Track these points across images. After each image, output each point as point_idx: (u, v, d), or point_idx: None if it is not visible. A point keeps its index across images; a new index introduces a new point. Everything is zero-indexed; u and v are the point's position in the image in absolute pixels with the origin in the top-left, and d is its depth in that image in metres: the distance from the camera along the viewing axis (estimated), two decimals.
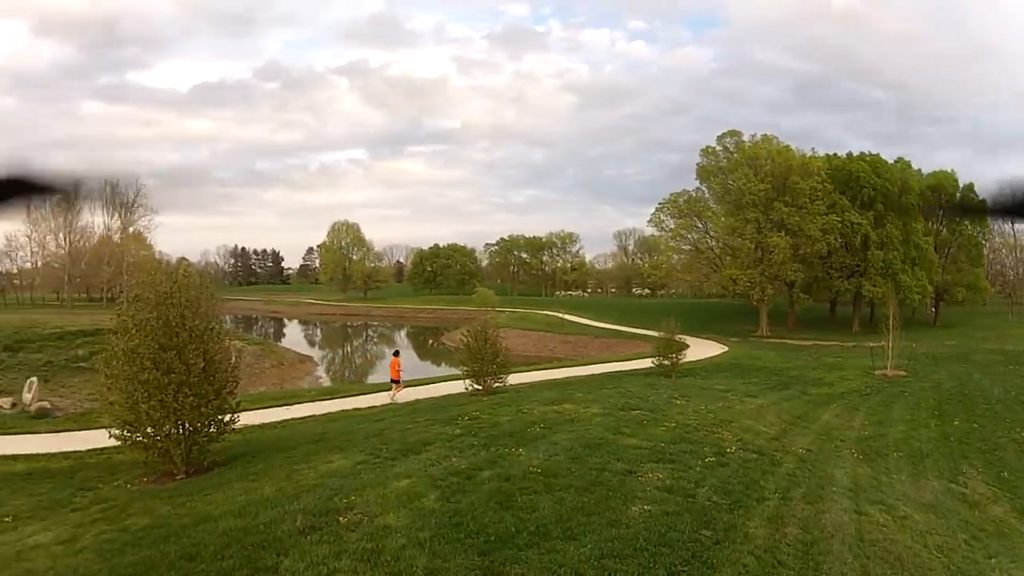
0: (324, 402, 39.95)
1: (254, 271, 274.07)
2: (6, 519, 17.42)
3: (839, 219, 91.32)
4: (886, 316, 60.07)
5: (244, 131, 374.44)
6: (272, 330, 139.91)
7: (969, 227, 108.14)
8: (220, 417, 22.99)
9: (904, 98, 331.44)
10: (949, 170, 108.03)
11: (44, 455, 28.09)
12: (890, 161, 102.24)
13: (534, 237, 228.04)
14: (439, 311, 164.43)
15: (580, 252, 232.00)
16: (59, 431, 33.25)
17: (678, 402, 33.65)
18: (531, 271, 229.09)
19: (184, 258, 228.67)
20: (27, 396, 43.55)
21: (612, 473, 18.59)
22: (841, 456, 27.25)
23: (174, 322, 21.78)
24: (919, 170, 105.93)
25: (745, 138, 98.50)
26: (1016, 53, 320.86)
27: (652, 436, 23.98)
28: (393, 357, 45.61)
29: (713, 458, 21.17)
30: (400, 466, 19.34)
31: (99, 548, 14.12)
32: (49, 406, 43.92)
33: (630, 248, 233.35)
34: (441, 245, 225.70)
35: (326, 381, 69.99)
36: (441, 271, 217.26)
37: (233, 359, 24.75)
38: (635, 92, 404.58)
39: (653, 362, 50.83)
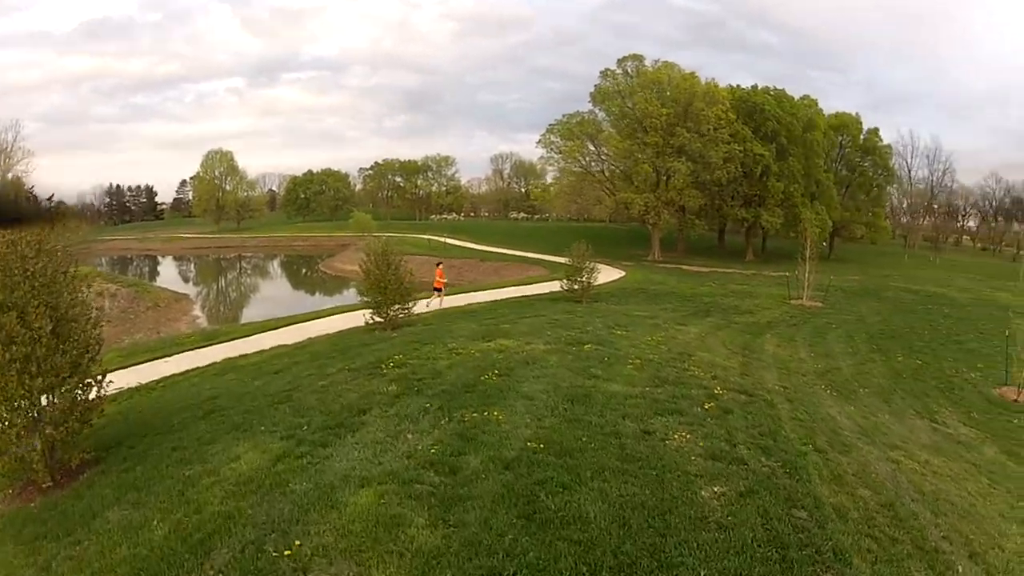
0: (206, 349, 32.94)
1: (128, 208, 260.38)
2: None
3: (741, 149, 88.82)
4: (802, 246, 58.68)
5: (126, 66, 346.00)
6: (147, 269, 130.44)
7: (871, 169, 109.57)
8: (82, 397, 15.88)
9: (799, 44, 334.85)
10: (853, 113, 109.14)
11: None
12: (796, 98, 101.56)
13: (409, 161, 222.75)
14: (314, 239, 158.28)
15: (456, 176, 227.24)
16: None
17: (618, 332, 30.46)
18: (405, 195, 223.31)
19: (61, 202, 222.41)
20: None
21: (632, 439, 14.93)
22: (817, 394, 25.28)
23: (14, 268, 14.97)
24: (821, 110, 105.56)
25: (648, 63, 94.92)
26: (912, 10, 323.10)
27: (630, 379, 20.58)
28: (437, 267, 49.38)
29: (711, 403, 18.39)
30: (340, 457, 13.85)
31: None
32: None
33: (506, 172, 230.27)
34: (314, 171, 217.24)
35: (204, 321, 63.09)
36: (314, 198, 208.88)
37: (94, 314, 17.39)
38: (525, 22, 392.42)
39: (563, 286, 47.73)
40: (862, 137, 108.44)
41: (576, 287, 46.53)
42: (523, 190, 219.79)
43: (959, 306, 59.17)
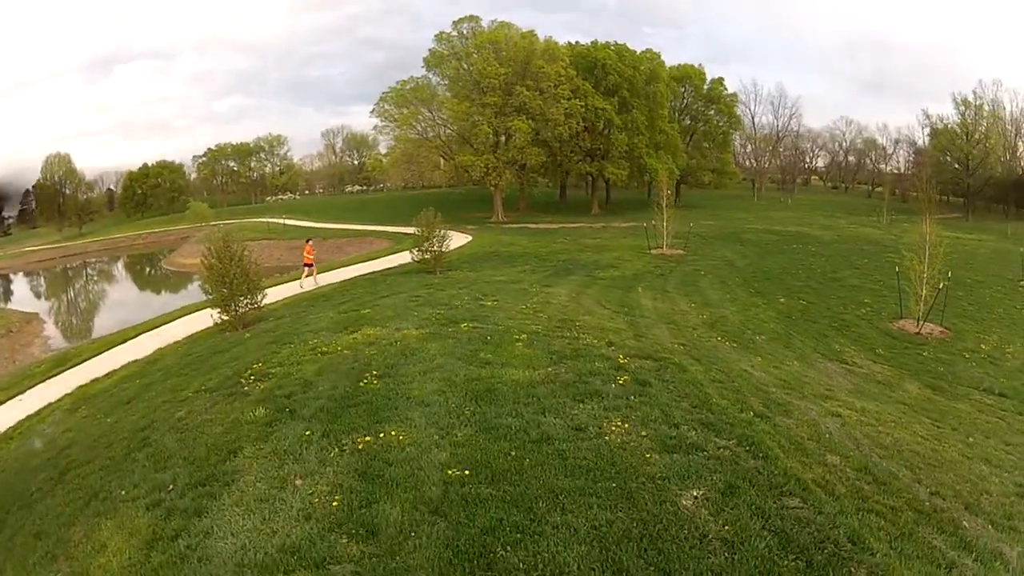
0: (59, 376, 28.91)
1: None
2: None
3: (582, 104, 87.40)
4: (657, 195, 59.19)
5: None
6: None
7: (716, 117, 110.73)
8: None
9: (633, 2, 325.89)
10: (696, 65, 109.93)
11: None
12: (638, 52, 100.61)
13: (241, 144, 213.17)
14: (154, 235, 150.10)
15: (288, 155, 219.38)
16: None
17: (488, 304, 28.05)
18: (240, 179, 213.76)
19: None
20: None
21: (566, 441, 12.43)
22: (718, 348, 24.21)
23: None
24: (663, 63, 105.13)
25: (484, 24, 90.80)
26: None
27: (526, 359, 17.91)
28: (306, 244, 47.46)
29: (623, 376, 16.38)
30: (223, 531, 10.39)
31: None
32: None
33: (339, 146, 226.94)
34: (150, 164, 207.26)
35: (58, 339, 58.27)
36: (151, 192, 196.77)
37: None
38: None
39: (413, 257, 45.16)
40: (706, 87, 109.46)
41: (428, 255, 43.90)
42: (357, 163, 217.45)
43: (825, 243, 59.39)
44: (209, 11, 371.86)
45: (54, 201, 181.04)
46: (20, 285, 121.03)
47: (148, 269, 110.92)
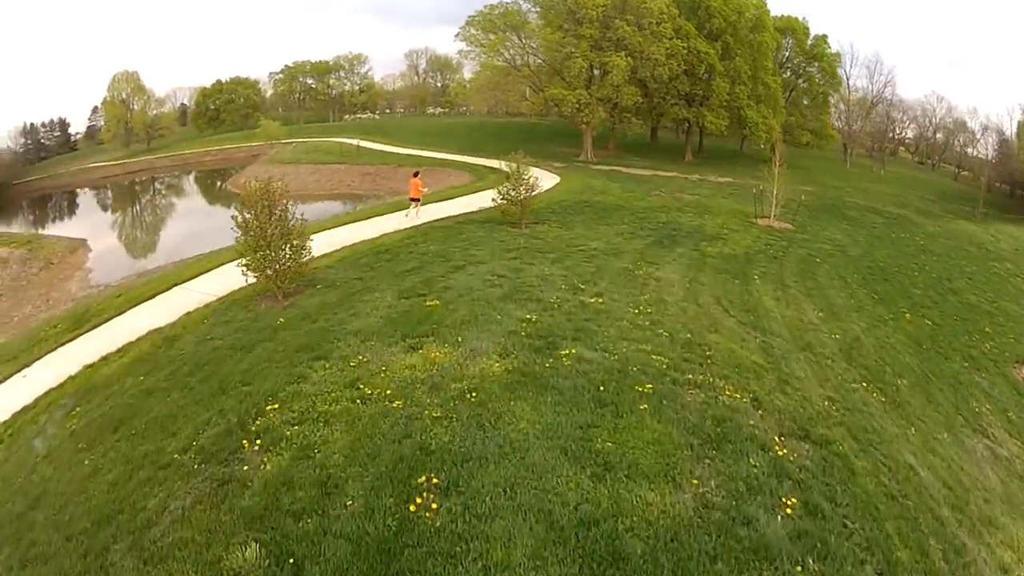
0: (69, 347, 24.74)
1: (44, 145, 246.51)
2: None
3: (684, 45, 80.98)
4: (770, 155, 54.16)
5: None
6: (58, 209, 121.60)
7: (817, 75, 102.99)
8: None
9: None
10: (800, 18, 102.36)
11: None
12: None
13: (320, 61, 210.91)
14: (224, 151, 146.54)
15: (369, 73, 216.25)
16: None
17: (590, 302, 22.49)
18: (318, 97, 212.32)
19: None
20: None
21: None
22: (870, 406, 19.28)
23: None
24: (768, 11, 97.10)
25: None
26: None
27: (660, 452, 12.48)
28: (413, 177, 42.93)
29: (791, 498, 11.57)
30: None
31: None
32: None
33: (421, 67, 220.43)
34: (224, 80, 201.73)
35: (99, 273, 53.45)
36: (224, 107, 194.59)
37: None
38: None
39: (495, 200, 39.68)
40: (809, 42, 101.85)
41: (514, 207, 38.50)
42: (439, 85, 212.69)
43: (931, 236, 54.60)
44: None
45: (120, 118, 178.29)
46: (81, 202, 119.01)
47: (212, 189, 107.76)
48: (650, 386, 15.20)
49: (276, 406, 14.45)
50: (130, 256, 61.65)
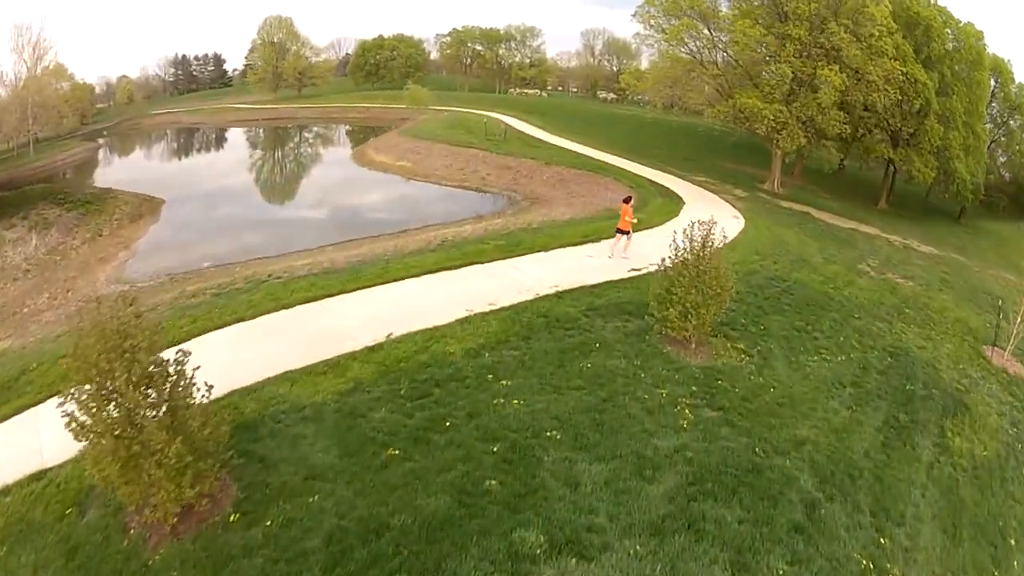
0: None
1: (196, 78, 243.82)
2: None
3: (903, 70, 62.63)
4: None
5: None
6: (168, 148, 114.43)
7: (1018, 129, 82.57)
8: None
9: None
10: (1005, 59, 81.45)
11: None
12: (961, 22, 74.45)
13: (491, 28, 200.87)
14: (372, 110, 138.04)
15: (541, 48, 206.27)
16: None
17: None
18: (486, 65, 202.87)
19: (124, 76, 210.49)
20: None
21: None
22: None
23: None
24: (986, 45, 77.00)
25: None
26: None
27: None
28: (624, 204, 33.90)
29: None
30: None
31: None
32: None
33: (597, 49, 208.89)
34: (386, 36, 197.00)
35: (143, 264, 41.03)
36: (385, 64, 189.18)
37: None
38: None
39: (657, 299, 22.98)
40: (1014, 89, 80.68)
41: (684, 323, 22.00)
42: (614, 69, 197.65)
43: None
44: None
45: (270, 62, 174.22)
46: (194, 145, 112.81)
47: (341, 157, 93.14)
48: None
49: None
50: (188, 244, 45.65)
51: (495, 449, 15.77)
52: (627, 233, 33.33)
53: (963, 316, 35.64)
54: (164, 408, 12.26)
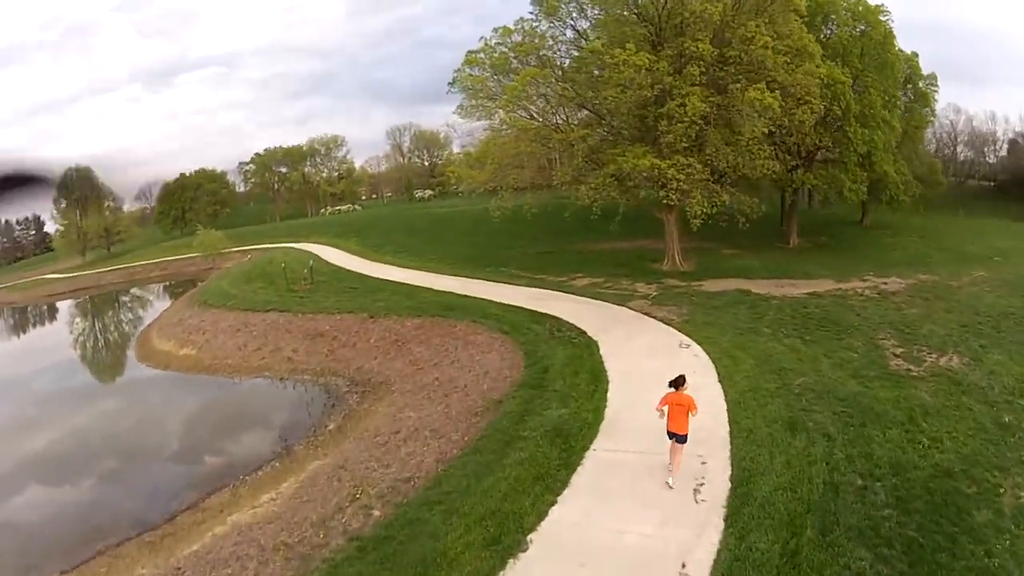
0: None
1: (20, 244, 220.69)
2: None
3: (823, 71, 46.16)
4: None
5: (25, 90, 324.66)
6: None
7: (916, 105, 67.64)
8: None
9: None
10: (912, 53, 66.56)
11: None
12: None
13: (294, 146, 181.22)
14: (173, 264, 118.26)
15: (348, 157, 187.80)
16: None
17: None
18: (294, 188, 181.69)
19: None
20: None
21: None
22: None
23: None
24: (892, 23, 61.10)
25: None
26: None
27: None
28: (670, 391, 18.37)
29: None
30: None
31: None
32: None
33: (405, 146, 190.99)
34: (188, 174, 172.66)
35: None
36: (190, 205, 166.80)
37: None
38: None
39: None
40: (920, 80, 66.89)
41: None
42: (426, 164, 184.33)
43: None
44: (269, 15, 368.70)
45: (73, 222, 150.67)
46: None
47: (125, 342, 64.25)
48: None
49: None
50: None
51: None
52: (683, 438, 18.57)
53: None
54: None
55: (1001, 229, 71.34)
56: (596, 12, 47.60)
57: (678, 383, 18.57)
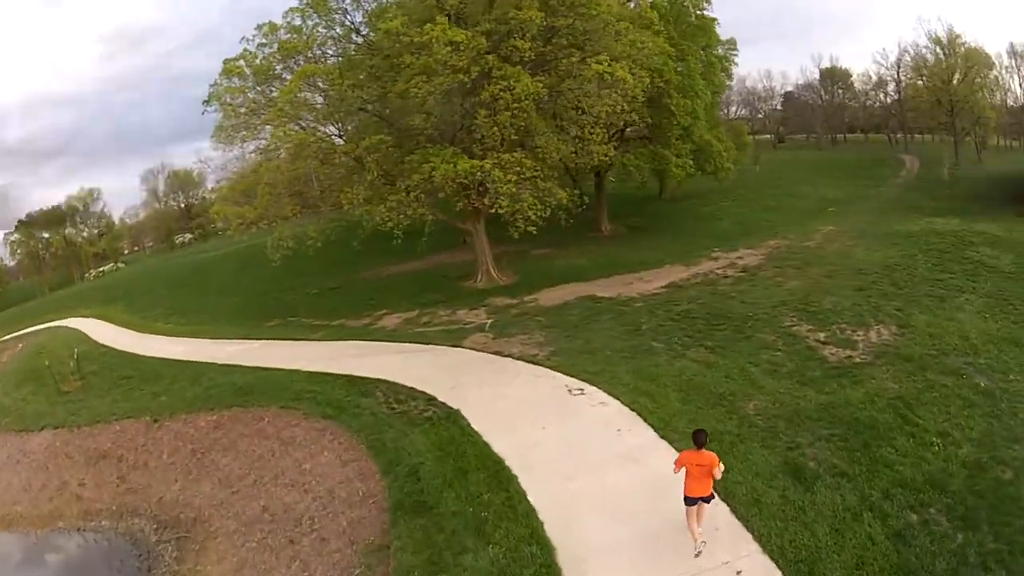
0: None
1: None
2: None
3: (662, 41, 43.69)
4: None
5: None
6: None
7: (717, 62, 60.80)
8: None
9: None
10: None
11: None
12: None
13: (52, 208, 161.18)
14: None
15: (106, 210, 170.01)
16: None
17: None
18: (59, 255, 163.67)
19: None
20: None
21: None
22: None
23: None
24: None
25: None
26: None
27: None
28: (690, 450, 14.79)
29: None
30: None
31: None
32: None
33: (160, 190, 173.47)
34: None
35: None
36: None
37: None
38: (162, 28, 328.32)
39: None
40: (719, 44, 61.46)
41: None
42: (182, 205, 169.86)
43: None
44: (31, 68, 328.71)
45: None
46: None
47: None
48: None
49: None
50: None
51: None
52: (708, 501, 14.73)
53: None
54: None
55: (802, 175, 75.18)
56: None
57: (700, 441, 14.71)
